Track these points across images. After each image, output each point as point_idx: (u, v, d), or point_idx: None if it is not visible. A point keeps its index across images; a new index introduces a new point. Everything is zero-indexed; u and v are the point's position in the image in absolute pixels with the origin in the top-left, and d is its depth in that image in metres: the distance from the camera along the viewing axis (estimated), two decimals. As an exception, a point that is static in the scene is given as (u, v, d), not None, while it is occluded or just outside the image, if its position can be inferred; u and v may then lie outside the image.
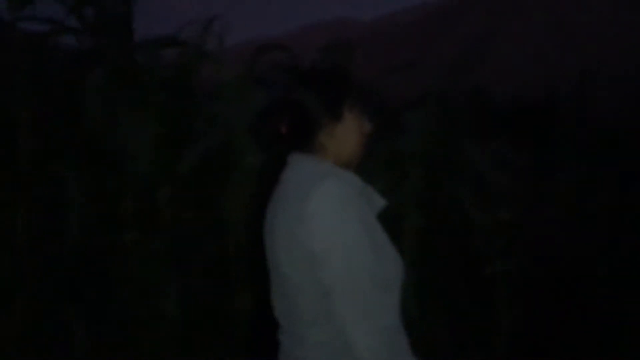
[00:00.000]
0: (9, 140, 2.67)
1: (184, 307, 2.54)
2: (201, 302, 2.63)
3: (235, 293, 2.70)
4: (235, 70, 2.94)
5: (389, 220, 1.46)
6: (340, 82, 1.46)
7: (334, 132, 1.42)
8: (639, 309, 3.92)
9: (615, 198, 5.32)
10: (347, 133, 1.44)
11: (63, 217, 2.26)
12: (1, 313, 2.49)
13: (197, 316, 2.60)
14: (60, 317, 2.41)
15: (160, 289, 2.46)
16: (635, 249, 4.54)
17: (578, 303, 4.08)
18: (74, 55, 3.06)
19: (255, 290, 2.67)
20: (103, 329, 2.47)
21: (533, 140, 7.06)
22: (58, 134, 2.73)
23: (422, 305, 2.64)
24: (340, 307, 1.27)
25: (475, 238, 3.11)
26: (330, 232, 1.27)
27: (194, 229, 2.71)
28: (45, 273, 2.41)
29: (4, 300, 2.50)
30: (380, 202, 1.45)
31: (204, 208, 2.78)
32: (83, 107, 2.59)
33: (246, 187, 2.66)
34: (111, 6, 2.91)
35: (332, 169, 1.39)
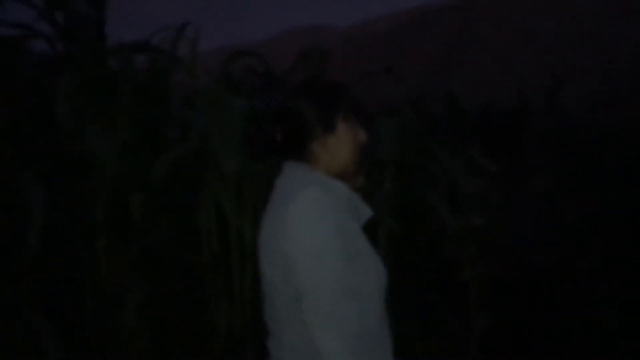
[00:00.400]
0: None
1: (153, 317, 2.51)
2: (174, 311, 2.60)
3: (211, 302, 2.68)
4: (210, 76, 2.93)
5: (364, 227, 1.48)
6: (335, 93, 1.48)
7: (327, 143, 1.45)
8: (612, 312, 3.98)
9: (589, 202, 5.40)
10: (340, 144, 1.46)
11: (29, 224, 2.22)
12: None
13: (168, 326, 2.57)
14: (29, 328, 2.37)
15: (124, 299, 2.43)
16: (609, 254, 4.62)
17: (551, 307, 4.13)
18: (45, 60, 3.02)
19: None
20: (74, 340, 2.44)
21: (506, 146, 7.17)
22: (28, 140, 2.68)
23: (396, 310, 2.65)
24: (309, 311, 1.30)
25: (448, 243, 3.14)
26: (303, 238, 1.30)
27: (167, 236, 2.68)
28: (11, 282, 2.37)
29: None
30: (366, 212, 1.50)
31: (178, 215, 2.75)
32: (54, 112, 2.55)
33: (221, 195, 2.65)
34: (83, 11, 2.88)
35: (319, 178, 1.43)
